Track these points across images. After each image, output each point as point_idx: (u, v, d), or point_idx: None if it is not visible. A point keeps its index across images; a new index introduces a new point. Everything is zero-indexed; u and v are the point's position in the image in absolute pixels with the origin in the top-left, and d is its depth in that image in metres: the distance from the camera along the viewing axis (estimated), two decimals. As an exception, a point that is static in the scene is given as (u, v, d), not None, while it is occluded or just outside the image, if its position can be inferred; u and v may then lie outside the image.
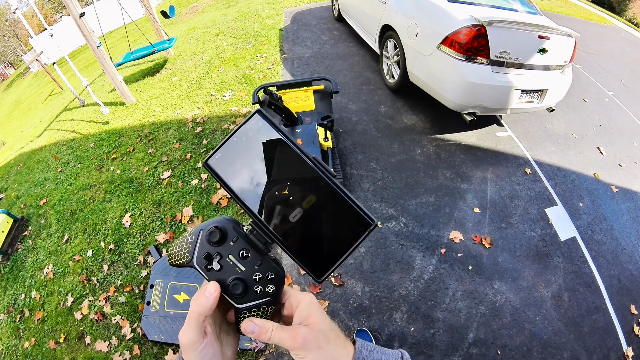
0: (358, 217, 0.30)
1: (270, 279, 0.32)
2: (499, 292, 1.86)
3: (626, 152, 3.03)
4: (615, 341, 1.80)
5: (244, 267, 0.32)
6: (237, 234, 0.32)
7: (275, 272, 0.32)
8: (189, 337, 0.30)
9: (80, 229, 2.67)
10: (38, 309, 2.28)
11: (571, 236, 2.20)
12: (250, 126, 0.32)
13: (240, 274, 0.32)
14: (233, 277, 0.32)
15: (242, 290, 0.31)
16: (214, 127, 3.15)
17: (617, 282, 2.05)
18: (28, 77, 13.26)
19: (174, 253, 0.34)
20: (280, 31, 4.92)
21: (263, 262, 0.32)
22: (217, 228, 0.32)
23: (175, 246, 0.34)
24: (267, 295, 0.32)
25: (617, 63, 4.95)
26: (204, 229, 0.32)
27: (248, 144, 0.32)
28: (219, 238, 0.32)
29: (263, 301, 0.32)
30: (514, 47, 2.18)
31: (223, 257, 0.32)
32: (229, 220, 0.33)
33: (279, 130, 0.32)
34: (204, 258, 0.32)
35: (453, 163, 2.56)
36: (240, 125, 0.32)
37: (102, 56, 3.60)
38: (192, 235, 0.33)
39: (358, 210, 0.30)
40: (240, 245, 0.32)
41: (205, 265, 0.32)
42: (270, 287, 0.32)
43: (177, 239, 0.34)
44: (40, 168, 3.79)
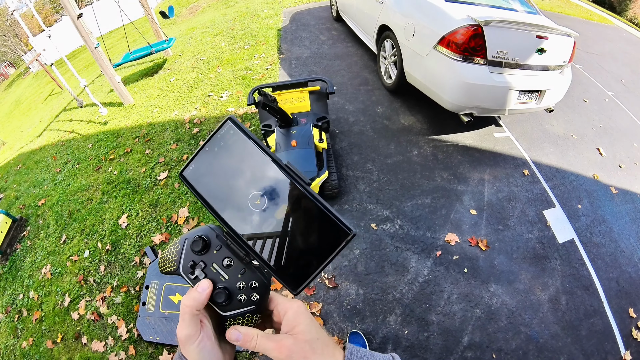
0: (335, 226, 0.29)
1: (254, 287, 0.32)
2: (495, 295, 1.85)
3: (626, 153, 3.00)
4: (613, 345, 1.79)
5: (227, 276, 0.32)
6: (221, 242, 0.32)
7: (259, 280, 0.32)
8: (186, 331, 0.30)
9: (78, 230, 2.68)
10: (36, 308, 2.30)
11: (569, 238, 2.18)
12: (222, 134, 0.31)
13: (223, 282, 0.32)
14: (217, 286, 0.32)
15: (225, 299, 0.31)
16: (210, 128, 3.15)
17: (616, 285, 2.03)
18: (28, 77, 13.34)
19: (162, 261, 0.35)
20: (278, 31, 4.91)
21: (247, 271, 0.32)
22: (200, 237, 0.32)
23: (164, 254, 0.34)
24: (251, 303, 0.32)
25: (618, 63, 4.90)
26: (189, 238, 0.33)
27: (221, 153, 0.31)
28: (202, 247, 0.32)
29: (248, 309, 0.32)
30: (511, 47, 2.15)
31: (207, 265, 0.32)
32: (213, 229, 0.33)
33: (250, 137, 0.31)
34: (189, 266, 0.32)
35: (450, 164, 2.54)
36: (212, 133, 0.31)
37: (100, 57, 3.60)
38: (178, 244, 0.34)
39: (335, 219, 0.29)
40: (224, 253, 0.32)
41: (191, 274, 0.32)
42: (254, 295, 0.32)
43: (166, 248, 0.35)
44: (39, 168, 3.81)
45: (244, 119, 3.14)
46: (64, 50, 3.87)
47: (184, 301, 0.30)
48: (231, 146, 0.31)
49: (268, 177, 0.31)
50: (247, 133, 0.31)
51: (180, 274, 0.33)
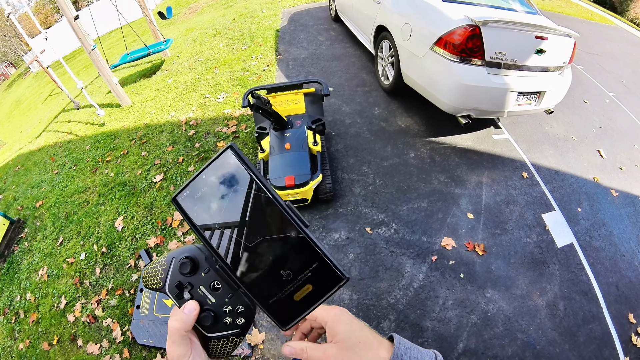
0: (329, 270, 0.29)
1: (240, 312, 0.32)
2: (492, 301, 1.82)
3: (627, 154, 2.96)
4: (612, 351, 1.76)
5: (214, 299, 0.32)
6: (209, 265, 0.32)
7: (245, 305, 0.32)
8: (178, 351, 0.30)
9: (75, 232, 2.68)
10: (33, 310, 2.30)
11: (568, 242, 2.15)
12: (221, 162, 0.30)
13: (210, 306, 0.32)
14: (204, 308, 0.32)
15: (212, 322, 0.31)
16: (206, 129, 3.14)
17: (615, 289, 1.99)
18: (28, 77, 13.38)
19: (147, 277, 0.34)
20: (276, 32, 4.89)
21: (234, 295, 0.32)
22: (188, 259, 0.32)
23: (149, 270, 0.34)
24: (236, 327, 0.32)
25: (619, 64, 4.84)
26: (176, 258, 0.32)
27: (218, 182, 0.30)
28: (190, 269, 0.32)
29: (232, 332, 0.32)
30: (510, 48, 2.12)
31: (194, 287, 0.32)
32: (202, 249, 0.33)
33: (251, 170, 0.30)
34: (175, 287, 0.32)
35: (447, 167, 2.51)
36: (211, 160, 0.30)
37: (97, 58, 3.60)
38: (164, 263, 0.33)
39: (330, 264, 0.29)
40: (212, 277, 0.32)
41: (177, 294, 0.32)
42: (240, 319, 0.32)
43: (151, 264, 0.34)
44: (38, 170, 3.82)
45: (240, 121, 3.12)
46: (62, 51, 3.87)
47: (171, 323, 0.31)
48: (230, 176, 0.30)
49: (266, 213, 0.30)
50: (248, 164, 0.30)
51: (166, 292, 0.32)
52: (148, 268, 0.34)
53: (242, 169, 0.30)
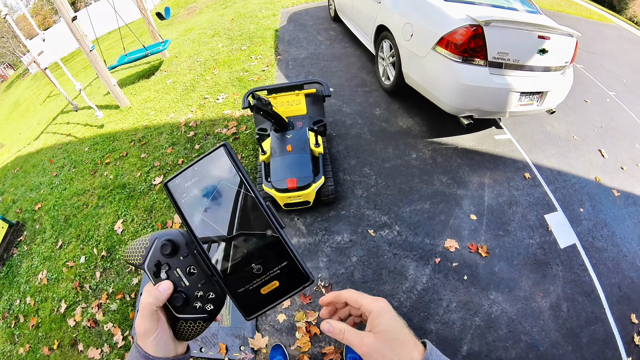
0: (297, 271, 0.32)
1: (211, 299, 0.34)
2: (495, 303, 1.82)
3: (628, 154, 2.95)
4: (615, 352, 1.75)
5: (188, 282, 0.34)
6: (189, 250, 0.34)
7: (216, 293, 0.34)
8: (145, 325, 0.32)
9: (74, 235, 2.66)
10: (32, 314, 2.28)
11: (571, 243, 2.14)
12: (213, 158, 0.33)
13: (183, 288, 0.34)
14: (177, 289, 0.34)
15: (182, 303, 0.33)
16: (206, 131, 3.12)
17: (618, 290, 1.99)
18: (27, 79, 13.32)
19: (128, 253, 0.36)
20: (276, 32, 4.86)
21: (207, 282, 0.34)
22: (170, 241, 0.34)
23: (131, 247, 0.36)
24: (204, 312, 0.34)
25: (619, 62, 4.83)
26: (159, 239, 0.35)
27: (208, 175, 0.33)
28: (170, 251, 0.33)
29: (200, 317, 0.34)
30: (512, 48, 2.10)
31: (171, 268, 0.34)
32: (184, 235, 0.35)
33: (239, 169, 0.32)
34: (154, 265, 0.34)
35: (449, 168, 2.50)
36: (204, 154, 0.33)
37: (96, 59, 3.57)
38: (147, 241, 0.35)
39: (299, 265, 0.32)
40: (189, 262, 0.34)
41: (154, 272, 0.34)
42: (209, 305, 0.34)
43: (134, 240, 0.36)
44: (36, 172, 3.79)
45: (240, 122, 3.10)
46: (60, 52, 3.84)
47: (144, 298, 0.33)
48: (219, 171, 0.33)
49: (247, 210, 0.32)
50: (237, 164, 0.33)
51: (144, 269, 0.34)
52: (131, 244, 0.36)
53: (231, 166, 0.32)
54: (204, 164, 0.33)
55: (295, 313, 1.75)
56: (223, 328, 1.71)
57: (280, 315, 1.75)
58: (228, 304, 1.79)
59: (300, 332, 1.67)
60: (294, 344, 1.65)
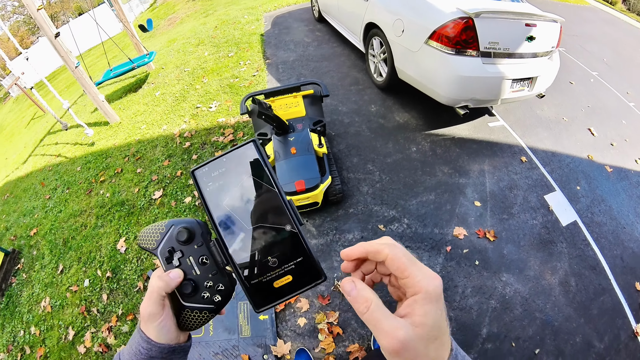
0: (311, 268, 0.32)
1: (219, 290, 0.34)
2: (508, 285, 1.86)
3: (616, 131, 3.07)
4: (624, 320, 1.82)
5: (199, 272, 0.34)
6: (203, 240, 0.34)
7: (225, 285, 0.34)
8: (150, 309, 0.32)
9: (75, 258, 2.58)
10: (39, 345, 2.20)
11: (572, 220, 2.21)
12: (242, 152, 0.34)
13: (194, 276, 0.34)
14: (187, 277, 0.34)
15: (190, 291, 0.33)
16: (202, 140, 3.08)
17: (621, 261, 2.07)
18: (9, 102, 12.87)
19: (144, 237, 0.36)
20: (261, 36, 4.85)
21: (218, 273, 0.34)
22: (186, 229, 0.34)
23: (147, 231, 0.36)
24: (212, 303, 0.34)
25: (598, 43, 5.02)
26: (176, 225, 0.35)
27: (235, 168, 0.33)
28: (186, 238, 0.34)
29: (206, 307, 0.34)
30: (502, 37, 2.16)
31: (184, 255, 0.34)
32: (200, 225, 0.35)
33: (266, 165, 0.33)
34: (167, 251, 0.34)
35: (449, 158, 2.55)
36: (234, 147, 0.33)
37: (82, 76, 3.48)
38: (163, 227, 0.35)
39: (314, 262, 0.32)
40: (202, 251, 0.34)
41: (167, 258, 0.34)
42: (217, 297, 0.34)
43: (151, 225, 0.36)
44: (28, 196, 3.66)
45: (236, 129, 3.08)
46: (43, 72, 3.73)
47: (154, 281, 0.32)
48: (246, 165, 0.33)
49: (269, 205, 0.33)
50: (264, 160, 0.33)
51: (157, 254, 0.34)
52: (147, 228, 0.36)
53: (258, 161, 0.33)
54: (232, 156, 0.33)
55: (316, 315, 1.75)
56: (243, 339, 1.69)
57: (300, 319, 1.74)
58: (246, 312, 1.77)
59: (323, 334, 1.67)
60: (317, 346, 1.64)
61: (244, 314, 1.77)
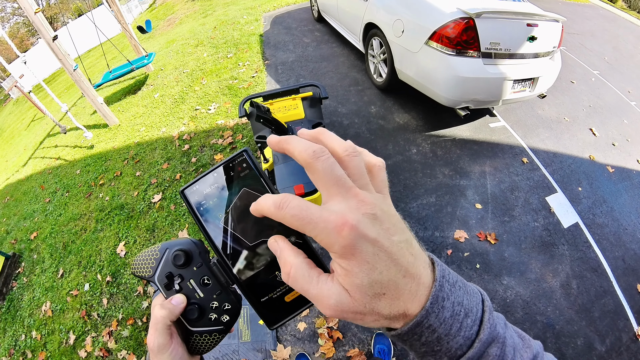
0: None
1: (227, 310, 0.33)
2: (509, 288, 1.85)
3: (617, 130, 3.05)
4: (626, 322, 1.81)
5: (202, 294, 0.32)
6: (202, 260, 0.33)
7: (232, 303, 0.33)
8: (158, 341, 0.30)
9: (75, 262, 2.58)
10: (40, 349, 2.20)
11: (574, 222, 2.20)
12: (234, 164, 0.31)
13: (198, 300, 0.32)
14: (191, 301, 0.32)
15: (197, 316, 0.32)
16: (201, 143, 3.07)
17: (622, 263, 2.05)
18: (9, 104, 12.90)
19: (137, 264, 0.34)
20: (260, 37, 4.83)
21: (222, 292, 0.33)
22: (183, 251, 0.32)
23: (140, 258, 0.34)
24: (220, 324, 0.33)
25: (599, 41, 4.98)
26: (170, 249, 0.33)
27: (228, 182, 0.31)
28: (184, 262, 0.32)
29: (215, 329, 0.33)
30: (503, 38, 2.14)
31: (184, 279, 0.33)
32: (197, 244, 0.34)
33: (261, 175, 0.31)
34: (165, 277, 0.32)
35: (450, 159, 2.53)
36: (224, 160, 0.31)
37: (80, 79, 3.47)
38: (157, 252, 0.34)
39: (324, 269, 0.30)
40: (203, 272, 0.33)
41: (166, 284, 0.32)
42: (225, 317, 0.33)
43: (143, 251, 0.34)
44: (28, 199, 3.66)
45: (235, 132, 3.07)
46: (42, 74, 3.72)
47: (157, 312, 0.30)
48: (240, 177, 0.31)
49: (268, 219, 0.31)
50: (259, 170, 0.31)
51: (155, 281, 0.33)
52: (139, 256, 0.34)
53: (252, 172, 0.31)
54: (223, 170, 0.32)
55: (315, 320, 1.74)
56: (243, 343, 1.68)
57: (300, 324, 1.74)
58: (246, 317, 1.76)
59: (323, 339, 1.66)
60: (317, 351, 1.64)
61: (244, 318, 1.76)
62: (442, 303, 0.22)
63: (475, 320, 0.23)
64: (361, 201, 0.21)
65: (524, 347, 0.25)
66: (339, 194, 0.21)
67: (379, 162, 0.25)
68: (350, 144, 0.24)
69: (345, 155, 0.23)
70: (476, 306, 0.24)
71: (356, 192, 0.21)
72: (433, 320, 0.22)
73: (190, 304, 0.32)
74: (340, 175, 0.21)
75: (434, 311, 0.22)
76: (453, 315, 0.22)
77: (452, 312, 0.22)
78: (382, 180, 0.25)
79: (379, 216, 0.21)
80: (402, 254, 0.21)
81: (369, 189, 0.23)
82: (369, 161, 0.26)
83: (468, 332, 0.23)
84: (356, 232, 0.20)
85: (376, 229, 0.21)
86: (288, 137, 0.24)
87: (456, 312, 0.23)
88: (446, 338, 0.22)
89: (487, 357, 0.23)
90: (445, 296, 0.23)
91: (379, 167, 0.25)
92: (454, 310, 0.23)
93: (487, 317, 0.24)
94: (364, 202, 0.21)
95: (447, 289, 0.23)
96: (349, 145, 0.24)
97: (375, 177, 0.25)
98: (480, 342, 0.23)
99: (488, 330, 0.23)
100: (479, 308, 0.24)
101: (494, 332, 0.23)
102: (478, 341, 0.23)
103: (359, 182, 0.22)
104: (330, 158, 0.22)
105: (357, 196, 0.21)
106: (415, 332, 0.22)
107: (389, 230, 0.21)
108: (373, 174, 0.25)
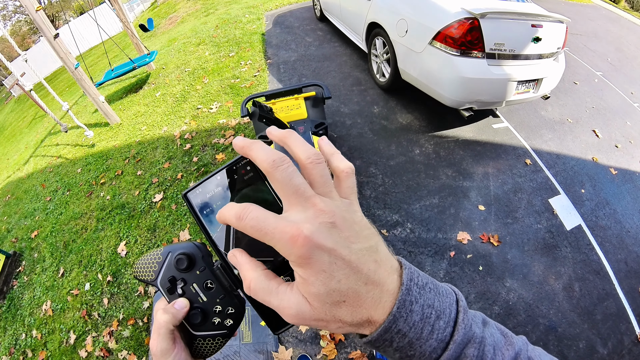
0: None
1: (230, 314, 0.32)
2: (511, 290, 1.84)
3: (621, 132, 3.03)
4: (628, 325, 1.81)
5: (206, 298, 0.32)
6: (205, 264, 0.33)
7: (236, 307, 0.33)
8: (161, 346, 0.29)
9: (75, 261, 2.57)
10: (41, 348, 2.20)
11: (576, 224, 2.19)
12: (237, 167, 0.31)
13: (201, 304, 0.32)
14: (194, 305, 0.32)
15: (200, 320, 0.32)
16: (203, 142, 3.06)
17: (625, 265, 2.05)
18: (11, 102, 12.90)
19: (139, 268, 0.34)
20: (262, 36, 4.81)
21: (226, 296, 0.32)
22: (185, 255, 0.32)
23: (142, 262, 0.34)
24: (224, 328, 0.33)
25: (602, 42, 4.96)
26: (173, 252, 0.33)
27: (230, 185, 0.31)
28: (187, 265, 0.32)
29: (219, 333, 0.32)
30: (508, 38, 2.13)
31: (187, 283, 0.32)
32: (199, 248, 0.33)
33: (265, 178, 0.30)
34: (168, 280, 0.32)
35: (453, 160, 2.52)
36: (228, 164, 0.31)
37: (82, 77, 3.46)
38: (160, 255, 0.33)
39: None
40: (206, 276, 0.32)
41: (169, 288, 0.32)
42: (228, 321, 0.33)
43: (145, 255, 0.34)
44: (29, 198, 3.66)
45: (237, 131, 3.06)
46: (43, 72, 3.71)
47: (160, 317, 0.30)
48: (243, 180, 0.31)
49: None
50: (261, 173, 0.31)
51: (157, 285, 0.32)
52: (141, 259, 0.34)
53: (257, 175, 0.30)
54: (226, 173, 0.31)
55: (317, 321, 1.74)
56: (245, 345, 1.68)
57: (302, 325, 1.73)
58: (247, 318, 1.76)
59: (325, 340, 1.66)
60: (319, 353, 1.63)
61: (245, 319, 1.76)
62: (410, 307, 0.22)
63: (449, 322, 0.23)
64: (319, 210, 0.21)
65: (505, 345, 0.25)
66: (298, 204, 0.21)
67: (347, 168, 0.25)
68: (314, 150, 0.24)
69: (308, 162, 0.23)
70: (449, 307, 0.23)
71: (315, 201, 0.21)
72: (402, 325, 0.22)
73: (194, 308, 0.32)
74: (299, 184, 0.21)
75: (401, 316, 0.22)
76: (423, 319, 0.22)
77: (422, 315, 0.22)
78: (349, 186, 0.25)
79: (339, 224, 0.21)
80: (362, 262, 0.21)
81: (333, 196, 0.23)
82: (337, 166, 0.25)
83: (441, 334, 0.22)
84: (310, 242, 0.20)
85: (334, 237, 0.20)
86: (251, 143, 0.24)
87: (426, 315, 0.22)
88: (418, 342, 0.22)
89: (465, 358, 0.22)
90: (414, 299, 0.22)
91: (347, 173, 0.25)
92: (424, 313, 0.22)
93: (461, 317, 0.23)
94: (322, 211, 0.21)
95: (415, 292, 0.22)
96: (312, 152, 0.24)
97: (341, 183, 0.24)
98: (455, 343, 0.22)
99: (463, 331, 0.23)
100: (453, 309, 0.23)
101: (470, 332, 0.23)
102: (452, 343, 0.22)
103: (321, 190, 0.22)
104: (289, 167, 0.22)
105: (316, 206, 0.21)
106: (385, 338, 0.22)
107: (348, 239, 0.21)
108: (340, 179, 0.25)
